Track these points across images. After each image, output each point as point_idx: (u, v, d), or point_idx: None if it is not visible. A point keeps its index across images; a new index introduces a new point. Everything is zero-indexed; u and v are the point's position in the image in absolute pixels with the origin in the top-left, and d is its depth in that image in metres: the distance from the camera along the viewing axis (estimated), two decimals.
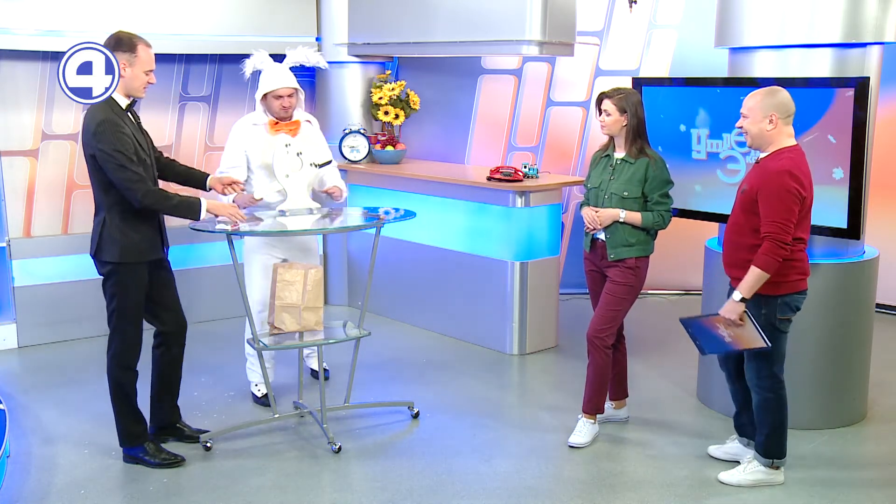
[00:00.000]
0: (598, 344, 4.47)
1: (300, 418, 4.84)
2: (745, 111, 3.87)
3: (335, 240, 7.20)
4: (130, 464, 4.30)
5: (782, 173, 3.73)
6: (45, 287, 6.14)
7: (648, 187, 4.38)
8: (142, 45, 4.08)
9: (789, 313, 3.92)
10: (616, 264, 4.44)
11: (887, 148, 6.37)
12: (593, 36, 7.12)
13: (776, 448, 4.05)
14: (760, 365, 3.95)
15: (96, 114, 4.00)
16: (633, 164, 4.40)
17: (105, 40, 4.08)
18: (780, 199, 3.72)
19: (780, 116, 3.79)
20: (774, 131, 3.81)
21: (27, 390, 5.29)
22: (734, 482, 4.08)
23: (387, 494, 4.00)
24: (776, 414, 4.00)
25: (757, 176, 3.84)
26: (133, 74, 4.06)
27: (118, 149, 3.94)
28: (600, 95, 4.44)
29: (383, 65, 7.24)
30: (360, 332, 4.69)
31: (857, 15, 4.35)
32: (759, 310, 3.86)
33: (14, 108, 6.02)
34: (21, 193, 6.14)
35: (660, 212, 4.39)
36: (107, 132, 3.95)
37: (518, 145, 7.36)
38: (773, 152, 3.83)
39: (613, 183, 4.42)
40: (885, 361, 5.65)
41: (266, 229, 4.50)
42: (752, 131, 3.85)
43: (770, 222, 3.72)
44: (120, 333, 4.19)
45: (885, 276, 5.21)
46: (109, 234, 4.07)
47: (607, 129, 4.44)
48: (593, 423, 4.56)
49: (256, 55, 4.90)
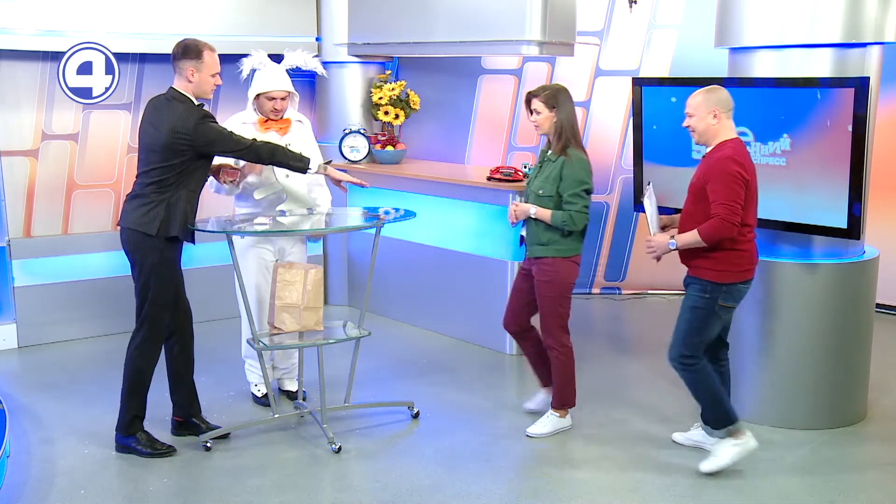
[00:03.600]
0: (552, 344, 4.59)
1: (300, 418, 4.83)
2: (690, 110, 4.08)
3: (335, 240, 7.20)
4: (122, 453, 4.36)
5: (725, 159, 3.95)
6: (45, 287, 6.15)
7: (562, 186, 4.41)
8: (207, 51, 4.27)
9: (732, 302, 4.08)
10: (535, 262, 4.55)
11: (887, 148, 6.37)
12: (593, 36, 7.12)
13: (724, 417, 4.17)
14: (684, 344, 4.11)
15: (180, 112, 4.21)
16: (554, 163, 4.47)
17: (173, 48, 4.27)
18: (725, 182, 3.92)
19: (722, 111, 4.01)
20: (718, 125, 4.03)
21: (27, 390, 5.29)
22: (715, 468, 4.14)
23: (387, 494, 4.00)
24: (706, 385, 4.14)
25: (704, 168, 4.05)
26: (201, 79, 4.26)
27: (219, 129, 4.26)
28: (528, 95, 4.53)
29: (383, 65, 7.24)
30: (360, 332, 4.69)
31: (857, 15, 4.35)
32: (703, 293, 4.04)
33: (14, 108, 6.02)
34: (21, 193, 6.14)
35: (569, 211, 4.40)
36: (206, 122, 4.23)
37: (518, 145, 7.36)
38: (717, 145, 4.04)
39: (535, 180, 4.55)
40: (885, 361, 5.65)
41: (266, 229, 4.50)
42: (699, 128, 4.06)
43: (718, 204, 3.91)
44: (152, 320, 4.32)
45: (885, 276, 5.21)
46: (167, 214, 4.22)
47: (540, 128, 4.53)
48: (560, 416, 4.66)
49: (255, 55, 4.90)
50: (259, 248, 4.90)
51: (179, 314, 4.47)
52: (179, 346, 4.51)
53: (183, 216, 4.26)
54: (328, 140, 7.14)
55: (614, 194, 7.36)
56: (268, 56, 4.90)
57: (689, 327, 4.09)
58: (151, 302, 4.30)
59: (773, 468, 4.26)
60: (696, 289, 4.08)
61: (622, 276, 7.54)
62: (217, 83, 4.34)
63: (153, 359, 4.39)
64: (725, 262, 4.00)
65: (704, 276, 4.04)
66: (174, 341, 4.50)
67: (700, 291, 4.06)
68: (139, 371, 4.35)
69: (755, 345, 4.73)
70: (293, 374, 5.14)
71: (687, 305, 4.12)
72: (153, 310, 4.31)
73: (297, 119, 4.97)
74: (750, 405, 4.77)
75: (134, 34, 6.13)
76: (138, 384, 4.37)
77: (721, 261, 4.00)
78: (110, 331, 6.31)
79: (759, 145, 4.59)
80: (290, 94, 4.84)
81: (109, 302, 6.26)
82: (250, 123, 4.84)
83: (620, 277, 7.54)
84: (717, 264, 4.01)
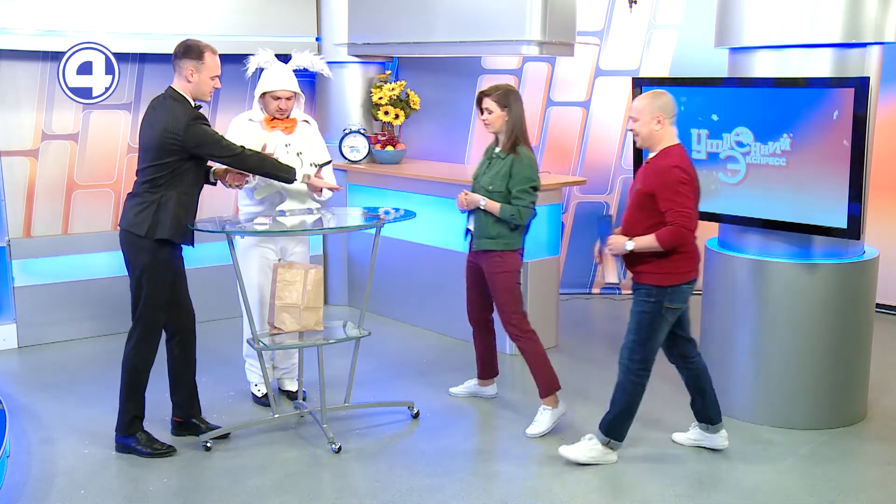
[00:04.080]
0: (516, 334, 4.68)
1: (300, 418, 4.83)
2: (635, 114, 4.10)
3: (335, 240, 7.20)
4: (122, 453, 4.37)
5: (673, 168, 3.98)
6: (45, 287, 6.15)
7: (511, 182, 4.57)
8: (208, 53, 4.26)
9: (678, 304, 4.12)
10: (484, 256, 4.67)
11: (887, 148, 6.37)
12: (593, 36, 7.12)
13: (617, 430, 4.25)
14: (634, 349, 4.15)
15: (175, 112, 4.20)
16: (503, 160, 4.62)
17: (175, 47, 4.27)
18: (675, 191, 3.96)
19: (666, 117, 4.04)
20: (662, 131, 4.05)
21: (27, 390, 5.29)
22: (571, 457, 4.26)
23: (387, 494, 4.00)
24: (630, 397, 4.21)
25: (649, 175, 4.07)
26: (200, 80, 4.26)
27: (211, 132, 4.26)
28: (480, 94, 4.64)
29: (383, 65, 7.24)
30: (360, 332, 4.69)
31: (857, 15, 4.35)
32: (649, 298, 4.07)
33: (14, 108, 6.02)
34: (21, 193, 6.14)
35: (518, 206, 4.55)
36: (198, 124, 4.23)
37: None
38: (660, 151, 4.07)
39: (484, 176, 4.68)
40: (885, 361, 5.65)
41: (265, 229, 4.51)
42: (643, 133, 4.08)
43: (674, 212, 3.95)
44: (145, 320, 4.31)
45: (885, 276, 5.21)
46: (159, 215, 4.23)
47: (491, 127, 4.65)
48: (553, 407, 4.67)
49: (262, 54, 4.89)
50: (261, 248, 4.90)
51: (181, 315, 4.47)
52: (180, 348, 4.51)
53: (173, 219, 4.24)
54: (328, 140, 7.12)
55: (614, 194, 7.36)
56: (274, 55, 4.89)
57: (639, 332, 4.14)
58: (145, 302, 4.30)
59: (773, 468, 4.26)
60: (642, 294, 4.11)
61: (622, 276, 7.52)
62: (216, 86, 4.33)
63: (149, 358, 4.38)
64: (668, 266, 4.04)
65: (649, 281, 4.08)
66: (175, 342, 4.50)
67: (646, 296, 4.09)
68: (135, 370, 4.35)
69: (755, 345, 4.73)
70: (293, 374, 5.14)
71: (635, 311, 4.15)
72: (146, 310, 4.31)
73: (303, 119, 4.97)
74: (750, 405, 4.78)
75: (134, 34, 6.12)
76: (135, 384, 4.37)
77: (663, 264, 4.05)
78: (110, 331, 6.31)
79: (759, 145, 4.59)
80: (296, 94, 4.84)
81: (109, 302, 6.26)
82: (257, 122, 4.85)
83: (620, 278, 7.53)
84: (659, 268, 4.05)
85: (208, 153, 4.30)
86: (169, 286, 4.35)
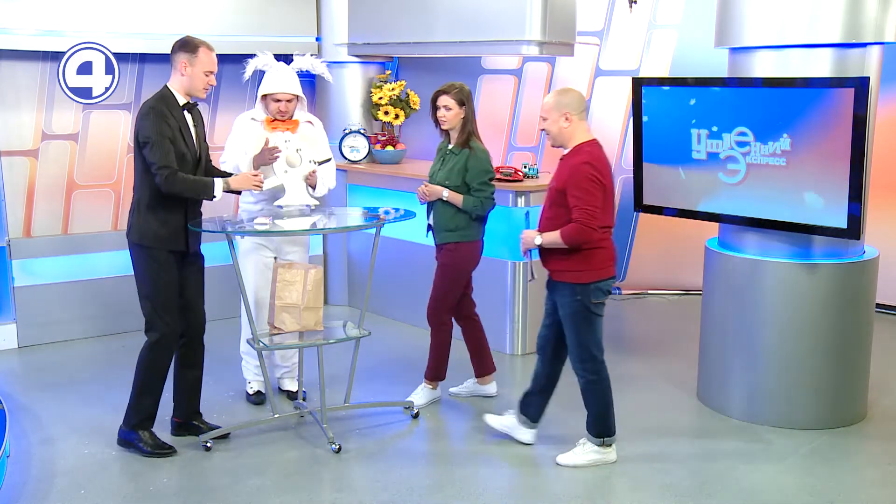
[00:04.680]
0: (434, 321, 4.93)
1: (300, 418, 4.83)
2: (543, 113, 4.14)
3: (335, 240, 7.20)
4: (122, 448, 4.38)
5: (582, 165, 4.03)
6: (45, 287, 6.14)
7: (469, 177, 4.73)
8: (203, 48, 4.26)
9: (602, 297, 4.16)
10: (441, 247, 4.86)
11: (887, 148, 6.37)
12: (593, 36, 7.13)
13: (605, 427, 4.26)
14: (581, 350, 4.19)
15: (148, 101, 4.24)
16: (457, 156, 4.79)
17: (173, 44, 4.27)
18: (582, 188, 4.01)
19: (574, 113, 4.07)
20: (571, 128, 4.09)
21: (27, 390, 5.29)
22: (571, 464, 4.25)
23: (387, 494, 4.00)
24: (601, 395, 4.24)
25: (561, 171, 4.13)
26: (192, 74, 4.24)
27: (158, 131, 4.13)
28: (436, 93, 4.75)
29: (383, 65, 7.24)
30: (360, 332, 4.69)
31: (857, 15, 4.35)
32: (574, 296, 4.11)
33: (14, 108, 6.02)
34: (21, 193, 6.14)
35: (479, 197, 4.74)
36: (151, 117, 4.16)
37: (518, 145, 7.36)
38: (573, 148, 4.12)
39: (440, 172, 4.82)
40: (885, 361, 5.65)
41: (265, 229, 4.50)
42: (553, 131, 4.12)
43: (579, 209, 4.01)
44: (150, 320, 4.32)
45: (885, 276, 5.21)
46: (137, 218, 4.26)
47: (448, 124, 4.78)
48: (433, 388, 5.03)
49: (261, 57, 4.88)
50: (258, 249, 4.91)
51: (190, 316, 4.45)
52: (184, 349, 4.50)
53: (153, 224, 4.22)
54: (328, 140, 7.13)
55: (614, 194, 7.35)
56: (273, 56, 4.88)
57: (578, 333, 4.16)
58: (149, 303, 4.31)
59: (773, 468, 4.26)
60: (566, 294, 4.13)
61: (622, 276, 7.54)
62: (211, 83, 4.31)
63: (160, 360, 4.36)
64: (584, 263, 4.08)
65: (569, 280, 4.12)
66: (181, 343, 4.48)
67: (570, 296, 4.12)
68: (147, 370, 4.35)
69: (755, 345, 4.73)
70: (293, 373, 5.14)
71: (566, 314, 4.16)
72: (150, 311, 4.31)
73: (306, 120, 4.97)
74: (750, 405, 4.78)
75: (134, 34, 6.13)
76: (147, 384, 4.36)
77: (580, 262, 4.09)
78: (110, 331, 6.31)
79: (759, 145, 4.59)
80: (298, 97, 4.83)
81: (109, 302, 6.26)
82: (259, 121, 4.85)
83: (620, 277, 7.54)
84: (576, 265, 4.09)
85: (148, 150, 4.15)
86: (168, 289, 4.31)
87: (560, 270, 4.14)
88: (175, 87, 4.27)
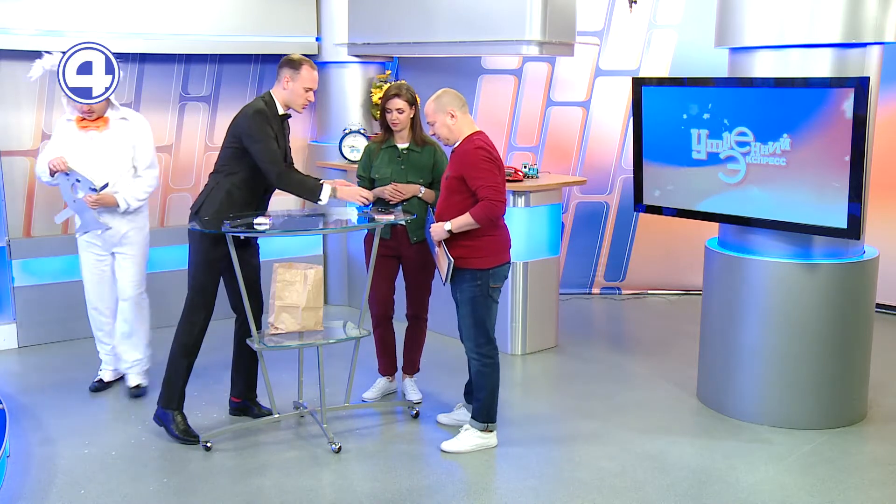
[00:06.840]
0: (421, 315, 5.13)
1: (300, 418, 4.84)
2: (429, 120, 4.35)
3: (335, 240, 7.20)
4: (156, 424, 4.59)
5: (475, 150, 4.24)
6: (45, 287, 6.15)
7: (437, 172, 4.83)
8: (306, 66, 4.47)
9: (498, 282, 4.37)
10: (415, 246, 4.89)
11: (887, 148, 6.37)
12: (593, 36, 7.12)
13: (491, 412, 4.44)
14: (478, 333, 4.37)
15: (255, 103, 4.47)
16: (420, 153, 4.86)
17: (281, 58, 4.52)
18: (481, 168, 4.21)
19: (456, 109, 4.29)
20: (457, 123, 4.30)
21: (27, 390, 5.29)
22: (454, 450, 4.40)
23: (387, 494, 4.00)
24: (491, 378, 4.42)
25: (456, 160, 4.31)
26: (293, 89, 4.46)
27: (265, 133, 4.39)
28: (386, 97, 4.80)
29: (383, 65, 7.24)
30: (360, 332, 4.69)
31: (857, 15, 4.35)
32: (475, 282, 4.31)
33: (14, 108, 6.03)
34: (21, 193, 6.14)
35: None
36: (258, 119, 4.40)
37: (518, 145, 7.36)
38: (463, 140, 4.31)
39: (401, 172, 4.83)
40: (885, 361, 5.65)
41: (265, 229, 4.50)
42: (443, 132, 4.34)
43: (483, 188, 4.18)
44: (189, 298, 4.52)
45: (885, 276, 5.21)
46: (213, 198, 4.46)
47: (401, 125, 4.82)
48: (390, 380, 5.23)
49: (47, 57, 5.03)
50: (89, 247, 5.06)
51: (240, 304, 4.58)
52: (243, 330, 4.67)
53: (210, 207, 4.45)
54: (328, 140, 7.15)
55: (614, 194, 7.36)
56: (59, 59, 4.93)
57: (475, 316, 4.35)
58: (190, 282, 4.52)
59: (773, 468, 4.26)
60: (467, 280, 4.32)
61: (622, 276, 7.54)
62: (310, 99, 4.51)
63: (190, 336, 4.51)
64: (485, 250, 4.28)
65: (472, 266, 4.29)
66: (238, 324, 4.72)
67: (472, 281, 4.31)
68: (179, 344, 4.52)
69: (755, 345, 4.73)
70: (137, 368, 5.16)
71: (466, 298, 4.35)
72: (189, 290, 4.51)
73: (120, 117, 5.02)
74: (750, 405, 4.78)
75: (134, 34, 6.13)
76: (179, 358, 4.52)
77: (481, 249, 4.28)
78: None
79: (759, 145, 4.60)
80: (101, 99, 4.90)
81: None
82: (73, 121, 4.95)
83: (620, 277, 7.54)
84: (478, 252, 4.28)
85: (249, 147, 4.39)
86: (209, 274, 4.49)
87: (461, 257, 4.29)
88: (277, 97, 4.49)
